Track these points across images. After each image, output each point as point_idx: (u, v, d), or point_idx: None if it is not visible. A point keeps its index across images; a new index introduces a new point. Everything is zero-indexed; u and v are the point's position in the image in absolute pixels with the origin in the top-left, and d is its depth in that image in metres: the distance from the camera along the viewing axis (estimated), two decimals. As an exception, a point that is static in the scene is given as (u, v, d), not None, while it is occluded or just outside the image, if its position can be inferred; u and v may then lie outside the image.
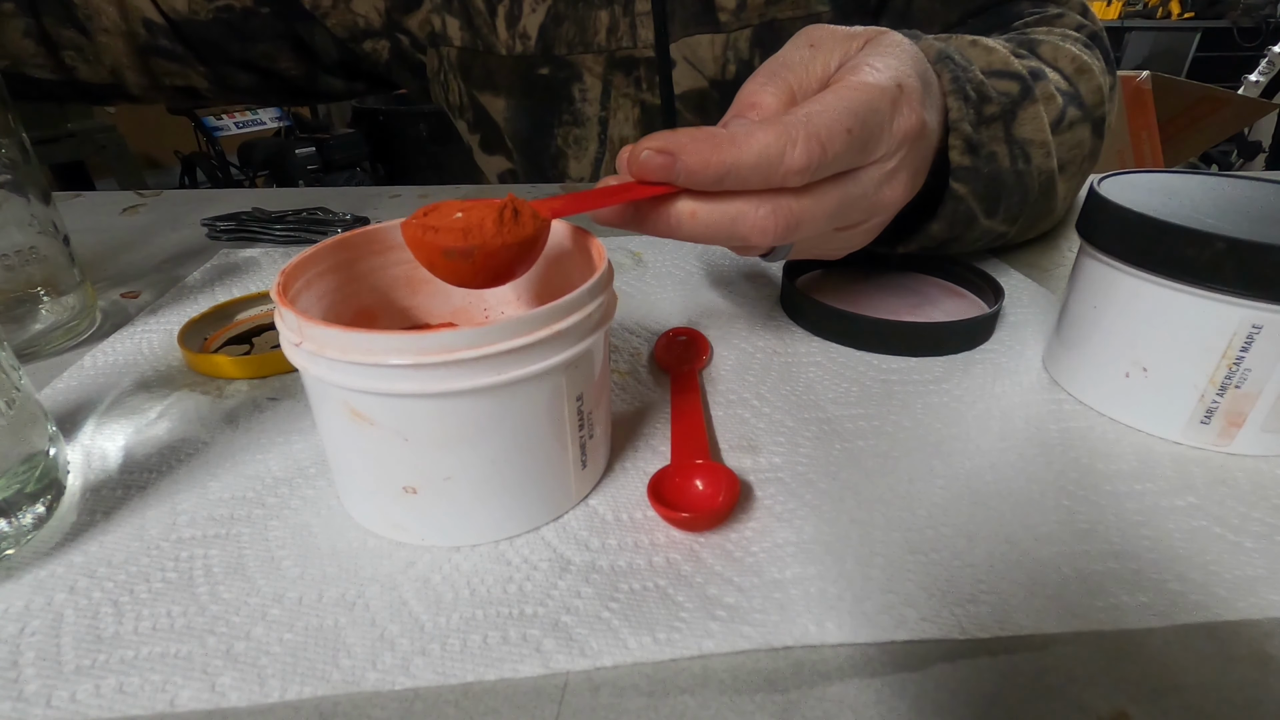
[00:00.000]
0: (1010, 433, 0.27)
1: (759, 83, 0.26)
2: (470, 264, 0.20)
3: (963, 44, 0.34)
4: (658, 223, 0.24)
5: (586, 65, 0.55)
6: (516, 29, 0.55)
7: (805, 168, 0.23)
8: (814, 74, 0.27)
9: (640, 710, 0.16)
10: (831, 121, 0.23)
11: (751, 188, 0.23)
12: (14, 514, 0.21)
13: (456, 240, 0.20)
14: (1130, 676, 0.17)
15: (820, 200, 0.25)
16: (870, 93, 0.25)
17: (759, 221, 0.24)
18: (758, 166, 0.23)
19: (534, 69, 0.56)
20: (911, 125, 0.26)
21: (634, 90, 0.56)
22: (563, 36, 0.55)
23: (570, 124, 0.58)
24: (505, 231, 0.20)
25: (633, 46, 0.54)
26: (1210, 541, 0.21)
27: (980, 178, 0.33)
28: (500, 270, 0.21)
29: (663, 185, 0.23)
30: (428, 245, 0.20)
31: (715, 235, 0.24)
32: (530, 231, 0.21)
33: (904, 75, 0.26)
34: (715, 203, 0.24)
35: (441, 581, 0.20)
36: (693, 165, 0.22)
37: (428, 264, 0.21)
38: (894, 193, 0.27)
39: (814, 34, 0.28)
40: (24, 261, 0.32)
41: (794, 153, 0.23)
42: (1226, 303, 0.23)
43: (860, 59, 0.26)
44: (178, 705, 0.17)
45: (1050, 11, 0.45)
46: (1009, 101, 0.33)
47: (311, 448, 0.26)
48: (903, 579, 0.20)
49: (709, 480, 0.23)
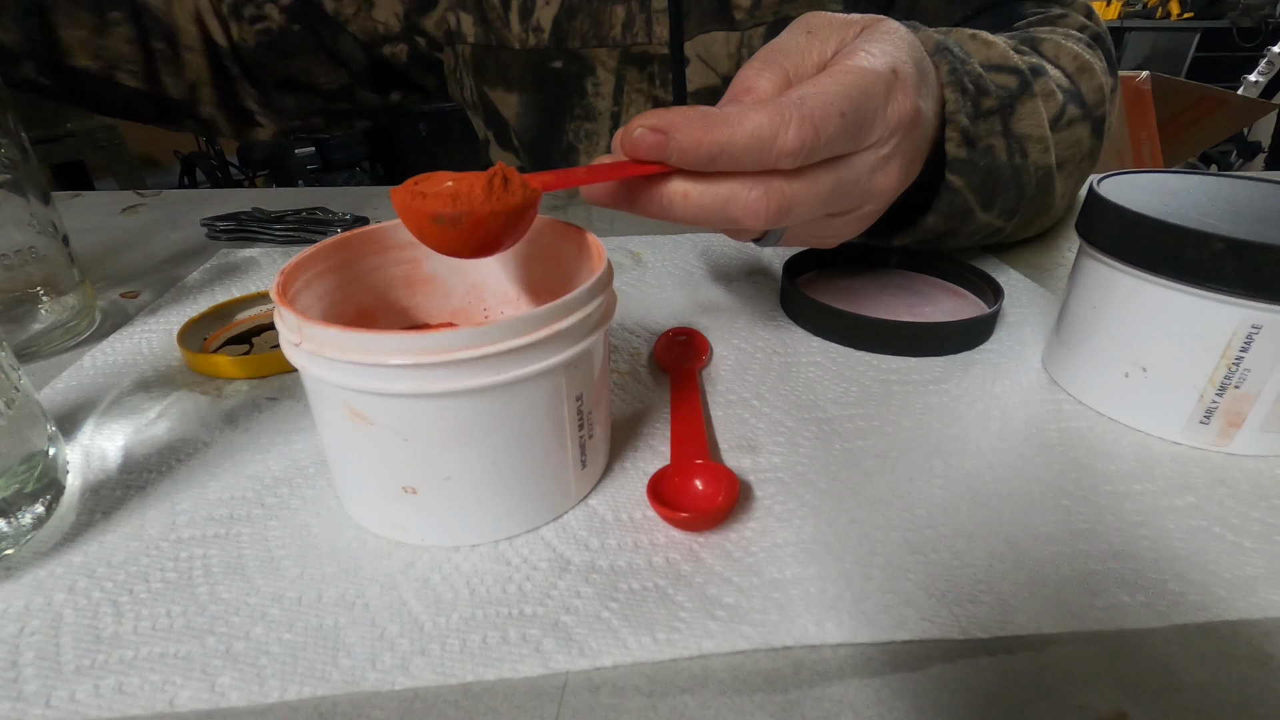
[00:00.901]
0: (1010, 433, 0.27)
1: (755, 69, 0.26)
2: (458, 231, 0.20)
3: (962, 37, 0.34)
4: (650, 203, 0.24)
5: (600, 59, 0.56)
6: (530, 22, 0.56)
7: (798, 149, 0.23)
8: (810, 60, 0.27)
9: (640, 710, 0.16)
10: (825, 104, 0.23)
11: (744, 169, 0.23)
12: (13, 514, 0.21)
13: (445, 206, 0.19)
14: (1130, 676, 0.17)
15: (813, 184, 0.25)
16: (864, 76, 0.24)
17: (751, 204, 0.24)
18: (750, 147, 0.22)
19: (547, 62, 0.57)
20: (906, 111, 0.26)
21: (647, 86, 0.56)
22: (576, 29, 0.55)
23: (582, 118, 0.58)
24: (494, 199, 0.20)
25: (647, 43, 0.54)
26: (1210, 541, 0.21)
27: (977, 170, 0.33)
28: (488, 239, 0.21)
29: (655, 164, 0.23)
30: (416, 211, 0.20)
31: (707, 217, 0.24)
32: (519, 200, 0.20)
33: (899, 61, 0.26)
34: (708, 184, 0.24)
35: (441, 581, 0.20)
36: (685, 144, 0.22)
37: (416, 231, 0.21)
38: (888, 179, 0.27)
39: (811, 21, 0.28)
40: (23, 261, 0.32)
41: (787, 134, 0.23)
42: (1226, 303, 0.23)
43: (856, 45, 0.26)
44: (177, 705, 0.17)
45: (1054, 12, 0.45)
46: (1007, 95, 0.33)
47: (311, 448, 0.26)
48: (902, 579, 0.20)
49: (709, 480, 0.23)
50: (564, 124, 0.59)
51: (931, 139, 0.30)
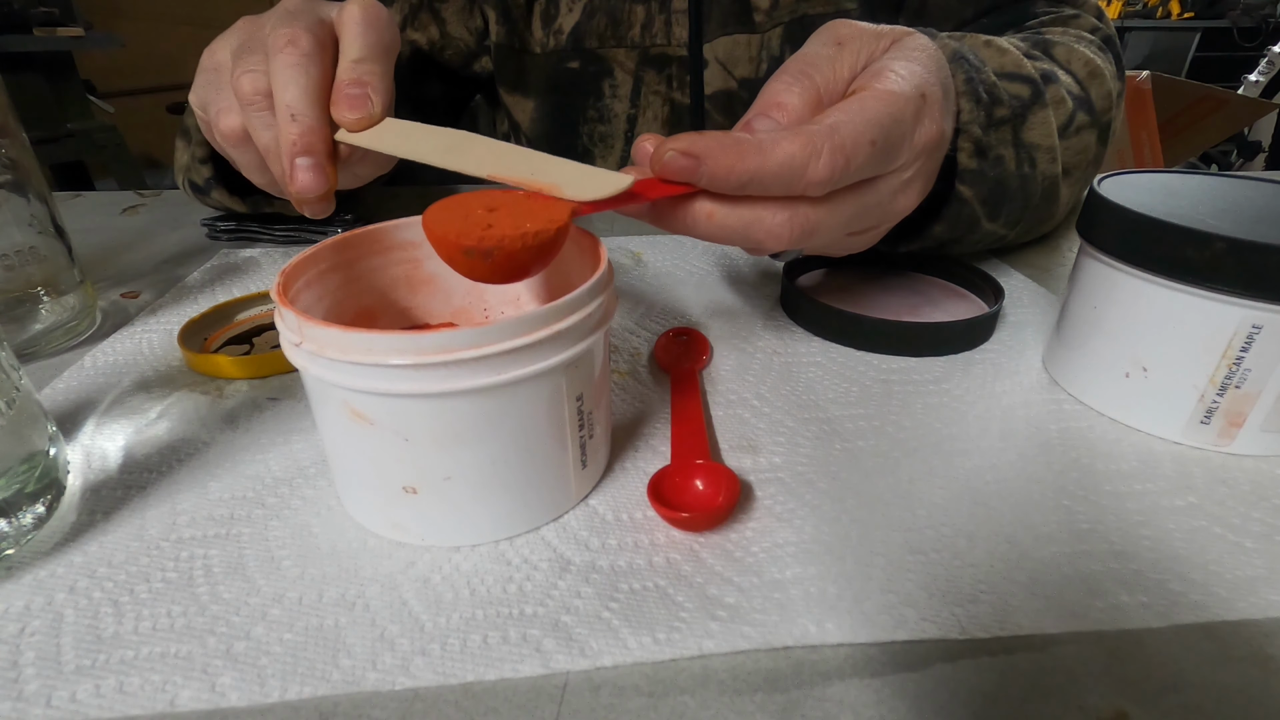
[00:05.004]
0: (1010, 433, 0.26)
1: (784, 82, 0.26)
2: (490, 263, 0.20)
3: (977, 44, 0.34)
4: (674, 221, 0.24)
5: (618, 60, 0.55)
6: (552, 27, 0.56)
7: (828, 179, 0.23)
8: (840, 73, 0.26)
9: (640, 710, 0.16)
10: (857, 133, 0.23)
11: (772, 194, 0.23)
12: (14, 514, 0.21)
13: (476, 240, 0.20)
14: (1130, 676, 0.17)
15: (837, 209, 0.25)
16: (895, 103, 0.24)
17: (775, 228, 0.24)
18: (780, 175, 0.23)
19: (564, 63, 0.56)
20: (932, 136, 0.26)
21: (665, 88, 0.56)
22: (594, 29, 0.55)
23: (596, 121, 0.58)
24: (528, 233, 0.20)
25: (666, 44, 0.54)
26: (1210, 541, 0.21)
27: (986, 181, 0.33)
28: (518, 269, 0.21)
29: (683, 185, 0.23)
30: (448, 242, 0.20)
31: (730, 237, 0.24)
32: (552, 232, 0.20)
33: (928, 84, 0.26)
34: (734, 206, 0.24)
35: (441, 581, 0.20)
36: (717, 171, 0.22)
37: (446, 259, 0.21)
38: (908, 200, 0.27)
39: (840, 31, 0.27)
40: (24, 261, 0.32)
41: (818, 164, 0.23)
42: (1226, 303, 0.23)
43: (885, 62, 0.26)
44: (178, 705, 0.17)
45: (1065, 12, 0.44)
46: (1019, 105, 0.33)
47: (311, 448, 0.26)
48: (903, 579, 0.20)
49: (709, 480, 0.23)
50: (577, 127, 0.59)
51: (946, 152, 0.30)
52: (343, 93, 0.26)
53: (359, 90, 0.26)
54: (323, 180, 0.26)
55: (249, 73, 0.27)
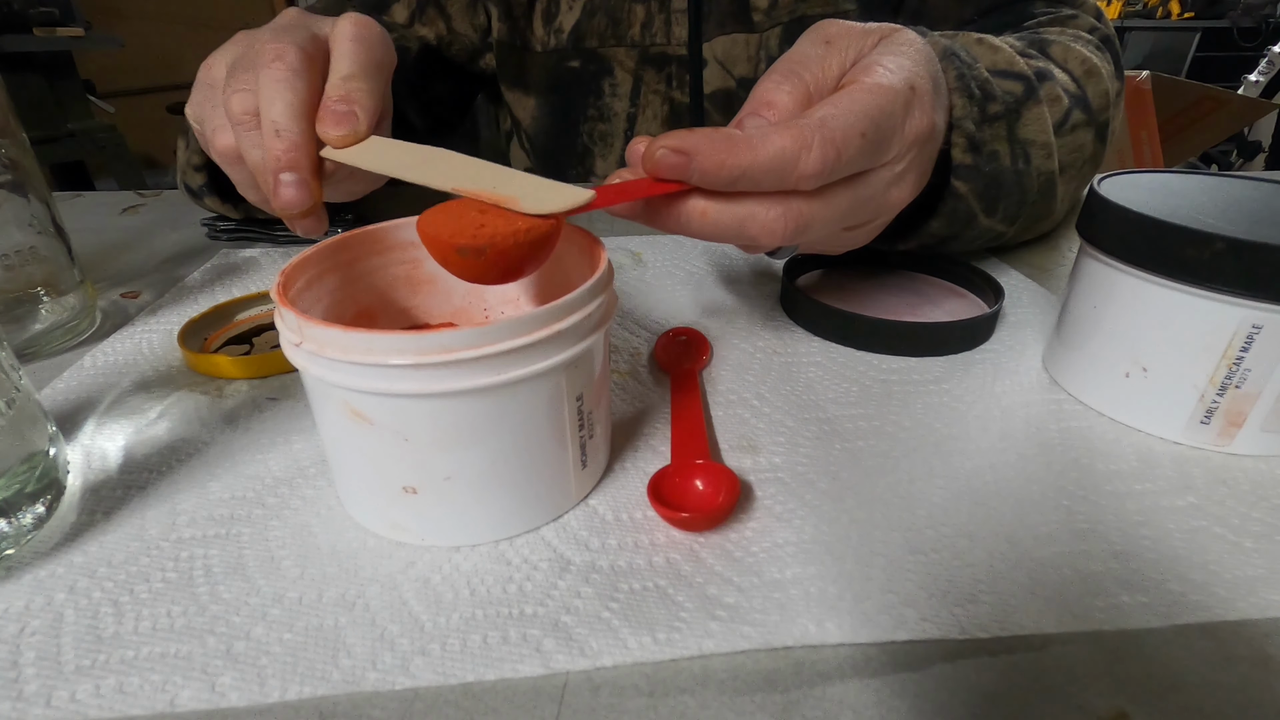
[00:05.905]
0: (1010, 433, 0.26)
1: (774, 81, 0.26)
2: (483, 261, 0.20)
3: (969, 41, 0.34)
4: (668, 219, 0.24)
5: (618, 59, 0.56)
6: (553, 25, 0.56)
7: (819, 173, 0.23)
8: (829, 71, 0.26)
9: (640, 710, 0.16)
10: (847, 126, 0.23)
11: (764, 190, 0.23)
12: (14, 514, 0.21)
13: (469, 237, 0.20)
14: (1130, 676, 0.17)
15: (831, 203, 0.25)
16: (884, 95, 0.24)
17: (769, 223, 0.24)
18: (772, 170, 0.23)
19: (564, 61, 0.57)
20: (923, 128, 0.26)
21: (664, 87, 0.56)
22: (594, 29, 0.55)
23: (596, 119, 0.58)
24: (519, 230, 0.20)
25: (666, 43, 0.54)
26: (1210, 541, 0.21)
27: (981, 176, 0.33)
28: (511, 267, 0.21)
29: (675, 183, 0.23)
30: (441, 241, 0.20)
31: (724, 234, 0.24)
32: (544, 229, 0.20)
33: (916, 76, 0.26)
34: (727, 203, 0.24)
35: (441, 581, 0.20)
36: (708, 167, 0.22)
37: (440, 259, 0.21)
38: (902, 194, 0.27)
39: (828, 30, 0.28)
40: (24, 261, 0.32)
41: (809, 158, 0.23)
42: (1226, 303, 0.23)
43: (874, 57, 0.26)
44: (178, 705, 0.17)
45: (1064, 12, 0.45)
46: (1013, 101, 0.33)
47: (311, 448, 0.26)
48: (903, 579, 0.20)
49: (709, 480, 0.23)
50: (578, 125, 0.59)
51: (939, 147, 0.31)
52: (329, 109, 0.26)
53: (345, 107, 0.26)
54: (306, 196, 0.26)
55: (238, 92, 0.27)
